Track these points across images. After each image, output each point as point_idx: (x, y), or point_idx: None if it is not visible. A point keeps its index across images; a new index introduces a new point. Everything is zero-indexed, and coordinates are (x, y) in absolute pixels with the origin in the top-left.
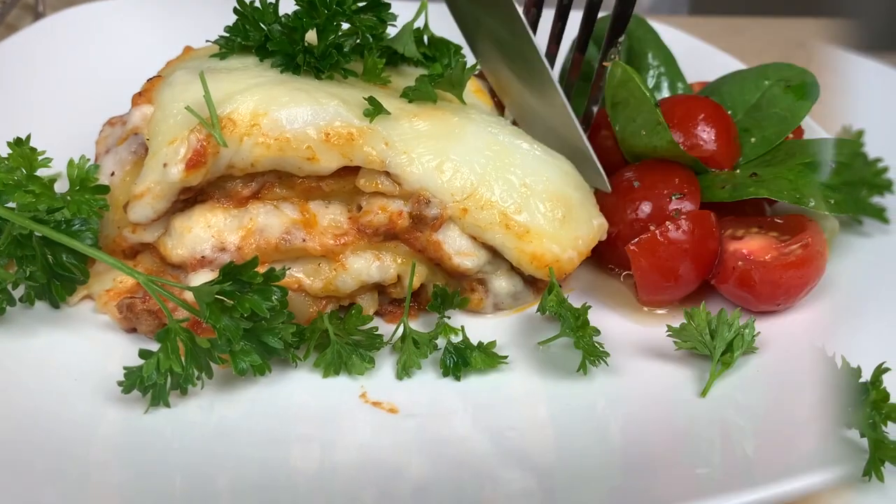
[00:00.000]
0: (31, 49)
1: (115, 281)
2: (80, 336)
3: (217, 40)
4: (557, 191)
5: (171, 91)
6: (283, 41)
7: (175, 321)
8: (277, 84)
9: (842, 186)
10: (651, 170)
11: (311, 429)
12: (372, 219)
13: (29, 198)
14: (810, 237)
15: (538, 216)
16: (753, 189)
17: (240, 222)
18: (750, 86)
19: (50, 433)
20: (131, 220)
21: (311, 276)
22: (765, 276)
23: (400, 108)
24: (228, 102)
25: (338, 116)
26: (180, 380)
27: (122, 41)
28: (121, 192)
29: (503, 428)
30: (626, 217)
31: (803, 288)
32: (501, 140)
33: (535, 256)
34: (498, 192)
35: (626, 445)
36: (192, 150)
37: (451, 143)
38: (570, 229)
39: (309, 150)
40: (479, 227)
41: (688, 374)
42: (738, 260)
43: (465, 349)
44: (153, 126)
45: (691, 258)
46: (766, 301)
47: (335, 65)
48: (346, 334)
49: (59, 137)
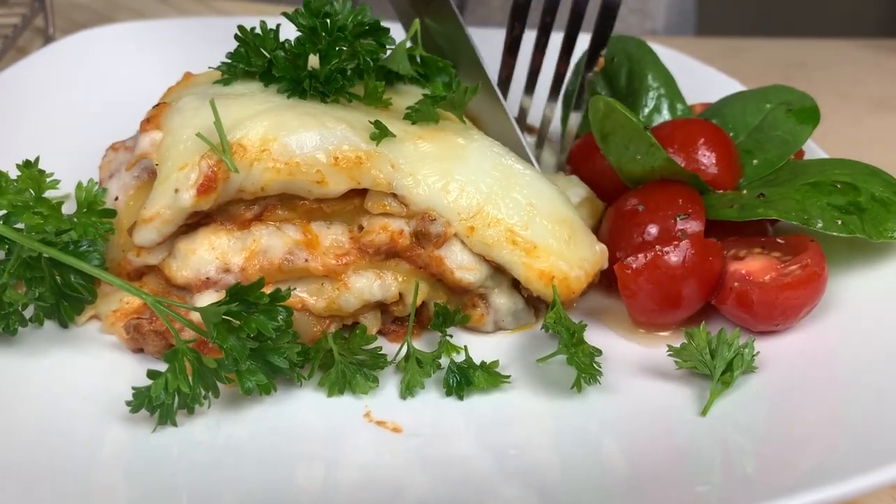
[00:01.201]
0: (41, 72)
1: (122, 302)
2: (87, 355)
3: (219, 66)
4: (562, 212)
5: (181, 117)
6: (287, 67)
7: (183, 341)
8: (285, 109)
9: (848, 206)
10: (653, 192)
11: (315, 448)
12: (374, 238)
13: (37, 219)
14: (810, 258)
15: (545, 233)
16: (762, 210)
17: (243, 244)
18: (751, 108)
19: (57, 452)
20: (137, 243)
21: (315, 296)
22: (762, 296)
23: (404, 129)
24: (238, 128)
25: (345, 140)
26: (188, 399)
27: (131, 64)
28: (125, 216)
29: (505, 447)
30: (634, 241)
31: (801, 309)
32: (506, 162)
33: (542, 273)
34: (504, 210)
35: (627, 464)
36: (203, 175)
37: (455, 163)
38: (576, 249)
39: (318, 174)
40: (487, 244)
41: (689, 393)
42: (736, 280)
43: (468, 369)
44: (162, 152)
45: (683, 285)
46: (763, 321)
47: (340, 89)
48: (350, 354)
49: (69, 159)
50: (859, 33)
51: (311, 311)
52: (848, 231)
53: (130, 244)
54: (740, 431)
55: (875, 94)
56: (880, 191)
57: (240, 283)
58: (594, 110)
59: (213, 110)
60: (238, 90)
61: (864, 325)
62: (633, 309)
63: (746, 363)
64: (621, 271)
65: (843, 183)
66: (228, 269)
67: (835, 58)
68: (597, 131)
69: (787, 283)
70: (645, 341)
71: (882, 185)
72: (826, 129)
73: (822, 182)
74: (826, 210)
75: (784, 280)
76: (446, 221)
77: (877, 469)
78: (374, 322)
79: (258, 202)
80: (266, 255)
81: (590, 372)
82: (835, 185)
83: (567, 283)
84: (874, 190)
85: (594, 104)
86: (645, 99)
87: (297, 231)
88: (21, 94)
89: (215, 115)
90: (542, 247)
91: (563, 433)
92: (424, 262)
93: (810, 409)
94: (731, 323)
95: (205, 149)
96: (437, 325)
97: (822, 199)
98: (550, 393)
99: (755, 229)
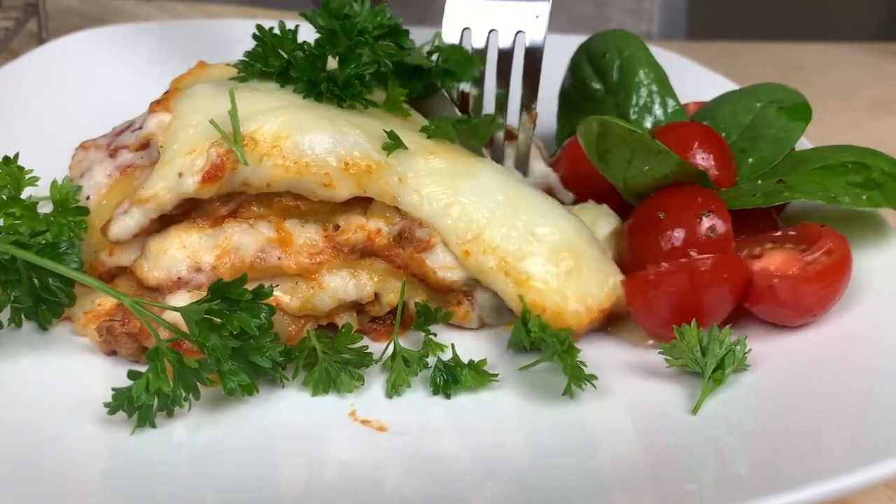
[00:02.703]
0: (34, 74)
1: (94, 304)
2: (61, 357)
3: (236, 64)
4: (568, 243)
5: (193, 102)
6: (306, 68)
7: (163, 341)
8: (301, 109)
9: (866, 182)
10: (670, 197)
11: (300, 447)
12: (349, 237)
13: (10, 220)
14: (831, 242)
15: (540, 266)
16: (788, 193)
17: (215, 241)
18: (742, 107)
19: (35, 454)
20: (111, 236)
21: (289, 295)
22: (798, 289)
23: (418, 143)
24: (252, 121)
25: (357, 146)
26: (168, 401)
27: (123, 66)
28: (97, 215)
29: (492, 445)
30: (663, 250)
31: (836, 294)
32: (516, 188)
33: (535, 304)
34: (502, 238)
35: (616, 462)
36: (210, 163)
37: (463, 185)
38: (577, 284)
39: (327, 177)
40: (481, 270)
41: (680, 391)
42: (772, 278)
43: (455, 367)
44: (170, 134)
45: (689, 305)
46: (805, 314)
47: (357, 95)
48: (335, 353)
49: (58, 159)
50: (858, 36)
51: (286, 310)
52: (874, 204)
53: (103, 244)
54: (732, 430)
55: (874, 96)
56: (888, 167)
57: (221, 279)
58: (587, 132)
59: (232, 99)
60: (254, 86)
61: (859, 321)
62: (639, 322)
63: (738, 361)
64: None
65: (853, 163)
66: (200, 269)
67: (833, 61)
68: (592, 153)
69: (818, 272)
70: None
71: (886, 162)
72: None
73: (833, 164)
74: (848, 188)
75: (815, 269)
76: (432, 229)
77: (870, 465)
78: (351, 322)
79: (234, 198)
80: (237, 253)
81: (582, 377)
82: (846, 166)
83: (562, 317)
84: (882, 166)
85: (587, 126)
86: (636, 95)
87: (271, 229)
88: (12, 94)
89: (233, 104)
90: (534, 278)
91: (551, 431)
92: (404, 262)
93: (802, 407)
94: (756, 322)
95: (214, 136)
96: (420, 325)
97: (840, 179)
98: (538, 391)
99: (763, 224)
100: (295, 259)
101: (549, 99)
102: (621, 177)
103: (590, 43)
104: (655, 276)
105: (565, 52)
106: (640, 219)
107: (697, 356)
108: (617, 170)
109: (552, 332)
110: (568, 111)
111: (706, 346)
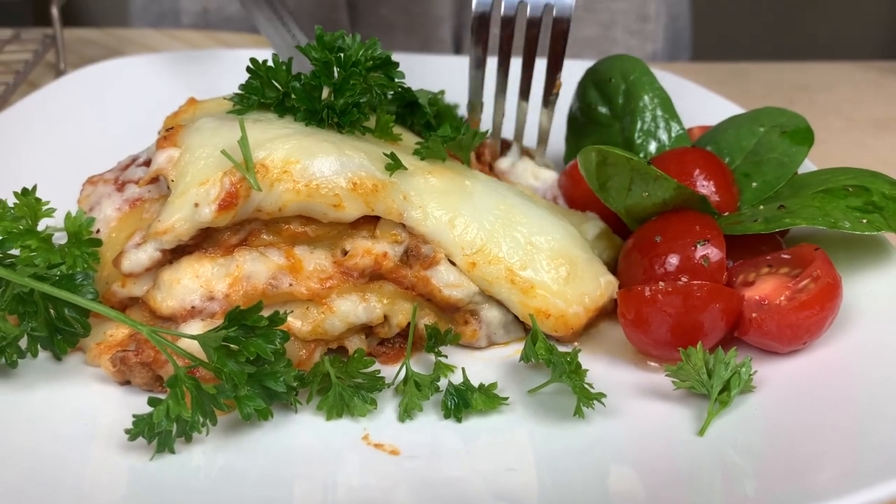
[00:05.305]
0: (52, 105)
1: (106, 335)
2: (76, 386)
3: (231, 97)
4: (562, 249)
5: (200, 136)
6: (304, 98)
7: (181, 368)
8: (306, 136)
9: (866, 206)
10: (669, 222)
11: (314, 471)
12: (358, 261)
13: (26, 252)
14: (819, 268)
15: (542, 273)
16: (788, 219)
17: (227, 270)
18: (745, 132)
19: (55, 481)
20: (124, 269)
21: (300, 320)
22: (783, 320)
23: (414, 164)
24: (261, 149)
25: (363, 168)
26: (187, 427)
27: (140, 96)
28: (108, 248)
29: (503, 469)
30: (656, 273)
31: (825, 321)
32: (509, 200)
33: (539, 311)
34: (505, 249)
35: (626, 485)
36: (224, 191)
37: (462, 200)
38: (575, 286)
39: (336, 198)
40: (487, 280)
41: (686, 413)
42: (753, 311)
43: (466, 391)
44: (180, 168)
45: (679, 327)
46: (790, 343)
47: (356, 122)
48: (347, 377)
49: (76, 191)
50: (862, 55)
51: (297, 335)
52: (875, 228)
53: (115, 276)
54: (738, 451)
55: (878, 115)
56: (889, 189)
57: (238, 307)
58: (587, 161)
59: (241, 128)
60: (255, 117)
61: (863, 342)
62: (630, 339)
63: (744, 382)
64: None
65: (854, 186)
66: (213, 297)
67: (837, 80)
68: (594, 182)
69: (804, 302)
70: (641, 362)
71: (887, 184)
72: (829, 150)
73: (833, 188)
74: (848, 212)
75: (801, 298)
76: (437, 245)
77: (876, 485)
78: (360, 345)
79: (244, 227)
80: (250, 281)
81: (590, 397)
82: (847, 189)
83: (564, 320)
84: (883, 189)
85: (585, 156)
86: (641, 120)
87: (281, 255)
88: (31, 126)
89: (243, 132)
90: (538, 286)
91: (560, 455)
92: (411, 282)
93: (808, 427)
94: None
95: (225, 166)
96: (430, 348)
97: (840, 203)
98: (548, 414)
99: (766, 245)
100: (306, 285)
101: (558, 122)
102: (622, 204)
103: (596, 68)
104: (651, 293)
105: (573, 77)
106: (637, 241)
107: (704, 378)
108: (618, 197)
109: (560, 353)
110: (576, 135)
111: (712, 368)
